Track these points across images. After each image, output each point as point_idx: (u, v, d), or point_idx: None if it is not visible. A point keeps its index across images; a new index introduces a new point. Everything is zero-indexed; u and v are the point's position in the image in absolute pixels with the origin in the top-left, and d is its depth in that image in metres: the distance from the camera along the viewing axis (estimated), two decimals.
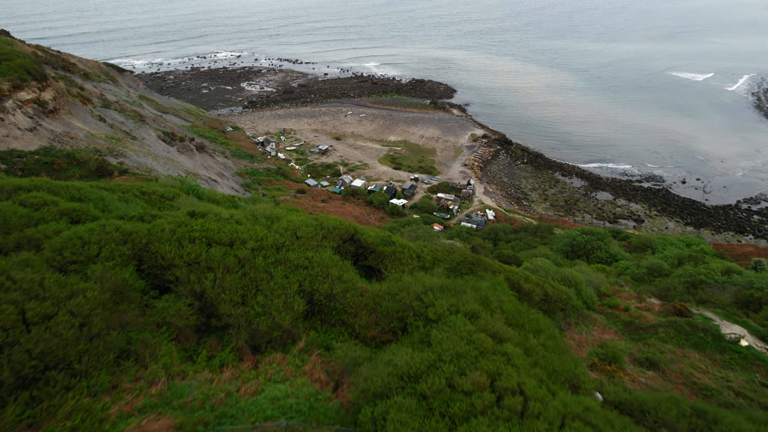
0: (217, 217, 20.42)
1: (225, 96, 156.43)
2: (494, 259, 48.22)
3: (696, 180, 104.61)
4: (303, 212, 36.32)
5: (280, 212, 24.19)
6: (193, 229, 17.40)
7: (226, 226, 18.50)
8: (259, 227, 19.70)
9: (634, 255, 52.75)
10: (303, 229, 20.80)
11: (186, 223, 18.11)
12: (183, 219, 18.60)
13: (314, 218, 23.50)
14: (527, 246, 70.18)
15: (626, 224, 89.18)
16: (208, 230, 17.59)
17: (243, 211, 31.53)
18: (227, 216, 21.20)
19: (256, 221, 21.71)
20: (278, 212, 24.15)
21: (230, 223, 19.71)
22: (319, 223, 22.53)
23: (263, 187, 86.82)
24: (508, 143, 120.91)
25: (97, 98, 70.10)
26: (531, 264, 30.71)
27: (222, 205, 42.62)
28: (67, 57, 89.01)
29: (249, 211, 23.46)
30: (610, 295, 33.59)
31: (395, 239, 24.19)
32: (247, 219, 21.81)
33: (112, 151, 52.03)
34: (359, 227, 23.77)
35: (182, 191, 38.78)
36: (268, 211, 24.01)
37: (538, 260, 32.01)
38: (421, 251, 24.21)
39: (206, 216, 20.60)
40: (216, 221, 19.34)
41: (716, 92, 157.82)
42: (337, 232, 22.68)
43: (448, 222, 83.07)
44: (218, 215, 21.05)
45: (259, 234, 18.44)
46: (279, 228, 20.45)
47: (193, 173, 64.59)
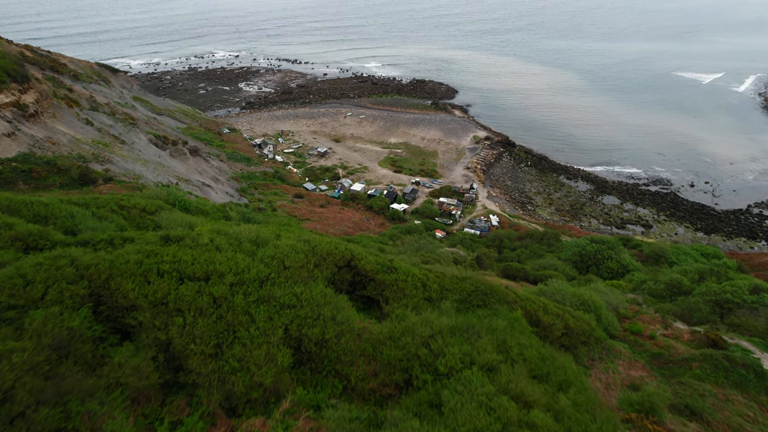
0: (194, 242, 17.71)
1: (222, 97, 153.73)
2: (502, 273, 45.48)
3: (705, 183, 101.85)
4: (296, 226, 33.66)
5: (267, 234, 21.44)
6: (163, 260, 14.69)
7: (202, 256, 15.78)
8: (241, 256, 16.96)
9: (649, 268, 50.00)
10: (292, 257, 18.03)
11: (156, 252, 15.37)
12: (152, 247, 15.87)
13: (306, 241, 20.76)
14: (533, 254, 67.45)
15: (634, 230, 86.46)
16: (181, 261, 14.88)
17: (229, 227, 28.73)
18: (206, 241, 18.41)
19: (239, 246, 18.95)
20: (266, 234, 21.39)
21: (208, 251, 16.94)
22: (311, 247, 19.76)
23: (259, 191, 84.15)
24: (512, 145, 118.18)
25: (86, 100, 67.41)
26: (546, 287, 28.00)
27: (212, 217, 39.91)
28: (57, 57, 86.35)
29: (233, 233, 20.70)
30: (629, 318, 30.91)
31: (398, 264, 21.43)
32: (229, 244, 19.04)
33: (97, 157, 49.33)
34: (356, 251, 21.00)
35: (167, 203, 36.04)
36: (254, 233, 21.20)
37: (554, 281, 29.27)
38: (427, 278, 21.43)
39: (182, 241, 17.94)
40: (192, 249, 16.62)
41: (723, 93, 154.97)
42: (332, 258, 19.92)
43: (450, 228, 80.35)
44: (196, 239, 18.30)
45: (240, 265, 15.71)
46: (264, 256, 17.70)
47: (185, 179, 61.91)
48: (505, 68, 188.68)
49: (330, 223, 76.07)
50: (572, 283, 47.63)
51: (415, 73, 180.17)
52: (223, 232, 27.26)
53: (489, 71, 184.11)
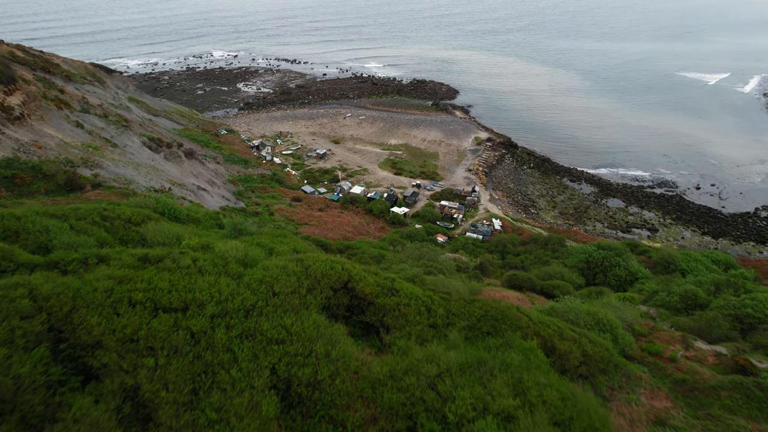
0: (175, 263, 15.85)
1: (220, 97, 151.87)
2: (508, 283, 43.56)
3: (711, 186, 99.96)
4: (290, 236, 31.70)
5: (257, 253, 19.54)
6: (136, 287, 12.86)
7: (181, 282, 13.92)
8: (225, 280, 15.07)
9: (660, 277, 48.10)
10: (282, 281, 16.11)
11: (129, 277, 13.53)
12: (126, 271, 14.01)
13: (299, 260, 18.86)
14: (538, 260, 65.60)
15: (640, 233, 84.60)
16: (156, 289, 13.05)
17: (218, 241, 26.96)
18: (188, 262, 16.52)
19: (225, 267, 17.06)
20: (255, 253, 19.50)
21: (189, 274, 15.06)
22: (304, 269, 17.85)
23: (257, 194, 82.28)
24: (514, 147, 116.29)
25: (77, 102, 65.55)
26: (558, 304, 26.12)
27: (204, 225, 38.09)
28: (50, 57, 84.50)
29: (219, 251, 18.79)
30: (645, 335, 29.06)
31: (399, 285, 19.53)
32: (213, 265, 17.14)
33: (86, 162, 47.46)
34: (354, 271, 19.08)
35: (156, 212, 34.12)
36: (242, 251, 19.28)
37: (566, 299, 27.39)
38: (431, 302, 19.50)
39: (162, 262, 16.13)
40: (171, 273, 14.75)
41: (727, 93, 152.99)
42: (327, 280, 18.00)
43: (452, 232, 78.49)
44: (177, 260, 16.44)
45: (223, 292, 13.84)
46: (252, 280, 15.80)
47: (179, 183, 60.05)
48: (507, 68, 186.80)
49: (329, 227, 74.22)
50: (582, 292, 45.80)
51: (415, 74, 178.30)
52: (211, 246, 25.25)
53: (490, 71, 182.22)
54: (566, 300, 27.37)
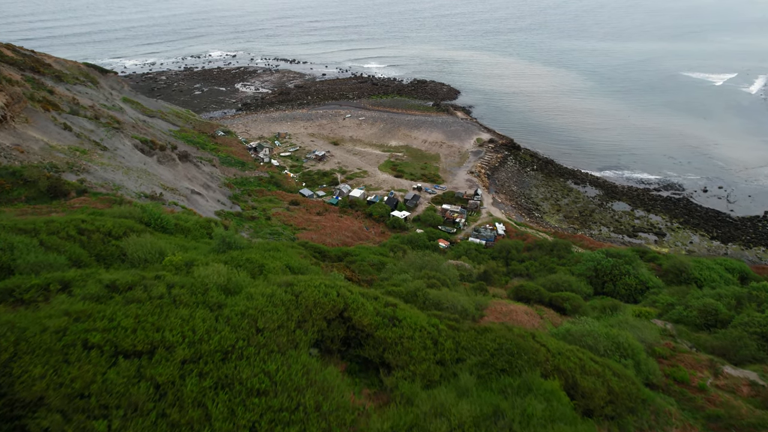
0: (146, 292, 13.87)
1: (218, 98, 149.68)
2: (514, 295, 41.29)
3: (718, 188, 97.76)
4: (284, 250, 29.45)
5: (241, 278, 17.32)
6: (94, 326, 10.88)
7: (149, 318, 11.95)
8: (202, 314, 13.03)
9: (674, 288, 45.83)
10: (268, 313, 14.04)
11: (87, 313, 11.59)
12: (84, 306, 11.98)
13: (288, 286, 16.71)
14: (543, 267, 63.39)
15: (647, 238, 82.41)
16: (119, 328, 11.06)
17: (202, 256, 24.87)
18: (162, 291, 14.47)
19: (204, 296, 14.90)
20: (239, 279, 17.28)
21: (161, 307, 13.06)
22: (294, 297, 15.74)
23: (253, 198, 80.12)
24: (516, 148, 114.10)
25: (67, 103, 63.37)
26: (575, 326, 23.94)
27: (193, 235, 35.89)
28: (41, 57, 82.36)
29: (198, 278, 16.57)
30: (667, 358, 26.92)
31: (402, 313, 17.35)
32: (191, 293, 14.96)
33: (72, 166, 45.29)
34: (351, 298, 16.84)
35: (142, 222, 31.95)
36: (224, 276, 17.04)
37: (583, 321, 25.18)
38: (438, 332, 17.30)
39: (131, 291, 14.13)
40: (139, 305, 12.74)
41: (733, 93, 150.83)
42: (320, 310, 15.84)
43: (454, 237, 76.31)
44: (149, 288, 14.41)
45: (198, 329, 11.83)
46: (233, 313, 13.66)
47: (171, 188, 57.86)
48: (508, 69, 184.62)
49: (327, 232, 72.03)
50: (593, 303, 43.61)
51: (416, 74, 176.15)
52: (196, 262, 23.18)
53: (492, 72, 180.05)
54: (582, 321, 25.20)
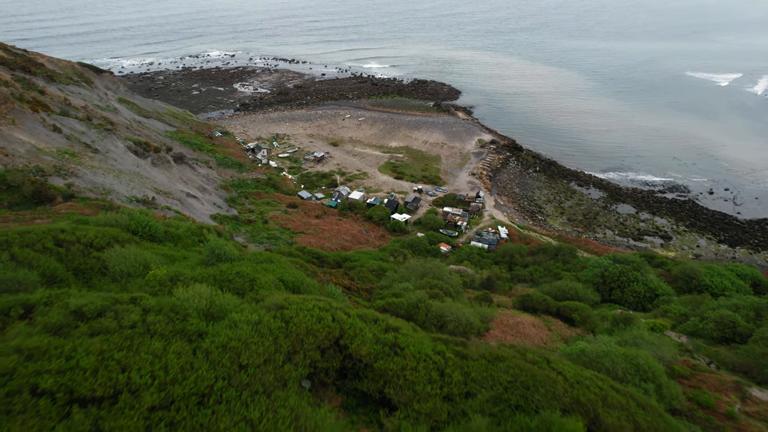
0: (117, 321, 12.33)
1: (216, 98, 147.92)
2: (520, 304, 39.50)
3: (724, 190, 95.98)
4: (278, 262, 27.62)
5: (226, 301, 15.57)
6: (48, 367, 9.32)
7: (115, 354, 10.46)
8: (178, 347, 11.52)
9: (686, 297, 44.04)
10: (253, 346, 12.40)
11: (42, 351, 10.11)
12: (40, 341, 10.43)
13: (279, 310, 15.14)
14: (548, 272, 61.61)
15: (652, 241, 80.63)
16: (77, 368, 9.53)
17: (188, 270, 23.14)
18: (135, 319, 12.91)
19: (183, 323, 13.25)
20: (226, 302, 15.54)
21: (131, 338, 11.57)
22: (284, 323, 14.17)
23: (250, 201, 78.38)
24: (519, 149, 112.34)
25: (59, 104, 61.63)
26: (590, 346, 22.20)
27: (183, 244, 34.08)
28: (34, 57, 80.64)
29: (178, 301, 14.81)
30: (687, 377, 25.19)
31: (404, 340, 15.65)
32: (168, 320, 13.35)
33: (59, 170, 43.53)
34: (348, 323, 15.11)
35: (129, 230, 30.14)
36: (207, 299, 15.29)
37: (599, 339, 23.46)
38: (445, 363, 15.56)
39: (100, 318, 12.61)
40: (107, 337, 11.17)
41: (737, 94, 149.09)
42: (312, 339, 14.20)
43: (456, 241, 74.54)
44: (121, 316, 12.80)
45: (172, 367, 10.23)
46: (213, 346, 12.03)
47: (164, 191, 56.10)
48: (510, 69, 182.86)
49: (326, 236, 70.30)
50: (602, 313, 41.82)
51: (416, 74, 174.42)
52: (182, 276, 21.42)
53: (493, 72, 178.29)
54: (597, 340, 23.48)
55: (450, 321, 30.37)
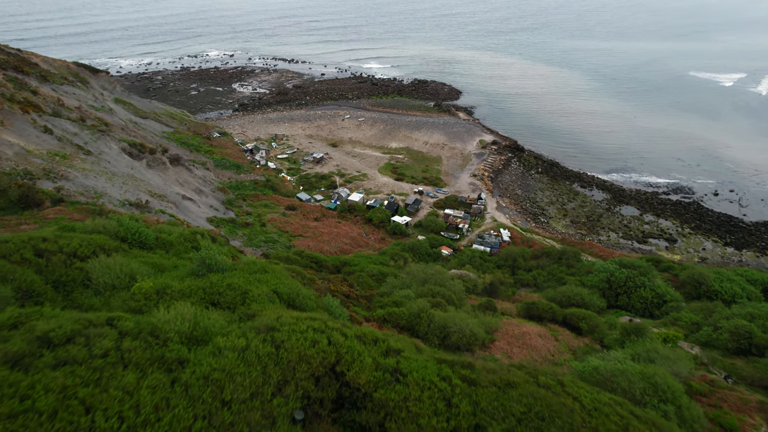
0: (87, 350, 11.01)
1: (215, 98, 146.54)
2: (526, 312, 38.10)
3: (729, 192, 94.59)
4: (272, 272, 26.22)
5: (212, 323, 14.17)
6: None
7: (79, 393, 9.35)
8: (153, 379, 10.31)
9: (697, 304, 42.61)
10: (239, 377, 11.03)
11: None
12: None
13: (269, 332, 13.81)
14: (552, 277, 60.23)
15: (657, 244, 79.24)
16: (31, 412, 9.12)
17: (177, 282, 21.73)
18: (109, 346, 11.63)
19: (162, 349, 11.97)
20: (212, 323, 14.14)
21: (101, 370, 10.36)
22: (275, 348, 12.81)
23: (248, 203, 77.00)
24: (520, 150, 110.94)
25: (52, 104, 60.26)
26: (604, 363, 20.82)
27: (175, 251, 32.55)
28: (28, 56, 79.27)
29: (158, 324, 13.44)
30: (706, 395, 23.82)
31: (407, 365, 14.23)
32: (146, 346, 12.03)
33: (49, 173, 42.15)
34: (346, 347, 13.70)
35: (117, 237, 28.68)
36: (190, 320, 13.89)
37: (612, 356, 22.07)
38: (452, 392, 14.12)
39: (68, 345, 11.38)
40: (71, 371, 9.87)
41: (741, 94, 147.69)
42: (306, 366, 12.75)
43: (457, 244, 73.15)
44: (92, 343, 11.44)
45: (144, 406, 9.21)
46: (193, 378, 10.69)
47: (159, 194, 54.73)
48: (511, 69, 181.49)
49: (324, 239, 68.92)
50: (610, 320, 40.43)
51: (416, 74, 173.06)
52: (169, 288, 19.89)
53: (494, 72, 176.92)
54: (612, 358, 22.06)
55: (453, 333, 29.03)
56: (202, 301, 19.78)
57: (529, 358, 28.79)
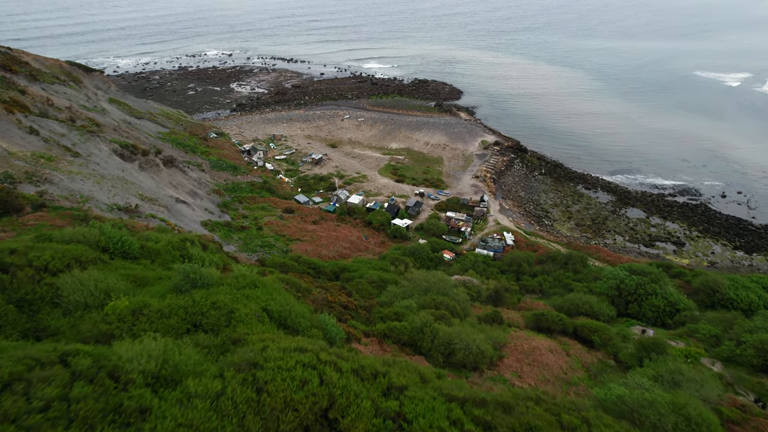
0: (26, 401, 8.85)
1: (212, 98, 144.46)
2: (534, 324, 35.94)
3: (737, 193, 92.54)
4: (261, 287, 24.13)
5: (184, 360, 12.19)
6: None
7: None
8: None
9: (714, 314, 40.46)
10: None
11: None
12: None
13: (250, 369, 11.79)
14: (558, 283, 58.14)
15: (664, 248, 77.16)
16: None
17: (155, 301, 19.81)
18: (55, 394, 9.42)
19: (119, 396, 10.00)
20: (184, 360, 12.16)
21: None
22: (255, 394, 10.77)
23: (244, 205, 74.93)
24: (523, 151, 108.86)
25: (41, 104, 58.18)
26: (629, 392, 18.73)
27: (162, 260, 30.39)
28: (18, 55, 77.22)
29: (125, 357, 11.40)
30: (738, 422, 21.77)
31: (412, 408, 12.22)
32: (101, 391, 10.06)
33: (32, 176, 40.08)
34: (339, 387, 11.60)
35: (98, 247, 26.53)
36: (156, 361, 11.93)
37: (637, 381, 19.97)
38: None
39: (8, 391, 8.97)
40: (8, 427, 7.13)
41: (746, 94, 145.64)
42: (292, 415, 10.73)
43: (460, 248, 71.07)
44: (32, 391, 9.20)
45: None
46: None
47: (150, 198, 52.64)
48: (512, 69, 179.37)
49: (323, 243, 66.85)
50: (621, 330, 38.34)
51: (416, 74, 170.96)
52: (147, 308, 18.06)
53: (495, 72, 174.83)
54: (636, 384, 19.96)
55: (459, 350, 26.95)
56: (183, 322, 17.71)
57: (540, 378, 26.72)
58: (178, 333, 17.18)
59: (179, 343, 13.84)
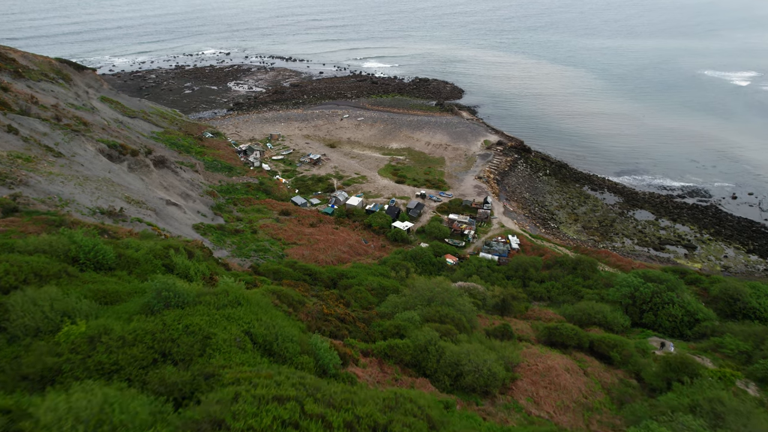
0: None
1: (209, 97, 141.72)
2: (547, 338, 33.13)
3: (749, 195, 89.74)
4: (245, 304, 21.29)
5: (133, 409, 9.50)
6: None
7: None
8: None
9: (740, 327, 37.53)
10: None
11: None
12: None
13: (223, 411, 8.57)
14: (567, 290, 55.31)
15: (675, 251, 74.39)
16: None
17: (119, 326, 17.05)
18: None
19: None
20: (129, 419, 9.45)
21: None
22: None
23: (239, 208, 72.16)
24: (527, 151, 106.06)
25: (23, 101, 55.39)
26: (663, 425, 15.92)
27: (141, 270, 27.52)
28: (5, 52, 74.44)
29: (49, 421, 8.57)
30: None
31: None
32: None
33: (5, 178, 37.29)
34: None
35: (67, 258, 23.75)
36: (87, 426, 9.18)
37: (683, 425, 17.17)
38: None
39: None
40: None
41: (753, 92, 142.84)
42: None
43: (463, 252, 68.27)
44: None
45: None
46: None
47: (137, 200, 49.81)
48: (515, 68, 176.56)
49: (320, 247, 64.03)
50: (638, 339, 35.55)
51: (417, 73, 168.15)
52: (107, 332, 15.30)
53: (497, 71, 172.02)
54: (681, 427, 17.12)
55: (468, 372, 24.16)
56: (150, 351, 14.93)
57: (559, 404, 23.93)
58: (142, 365, 14.42)
59: (125, 395, 11.03)
